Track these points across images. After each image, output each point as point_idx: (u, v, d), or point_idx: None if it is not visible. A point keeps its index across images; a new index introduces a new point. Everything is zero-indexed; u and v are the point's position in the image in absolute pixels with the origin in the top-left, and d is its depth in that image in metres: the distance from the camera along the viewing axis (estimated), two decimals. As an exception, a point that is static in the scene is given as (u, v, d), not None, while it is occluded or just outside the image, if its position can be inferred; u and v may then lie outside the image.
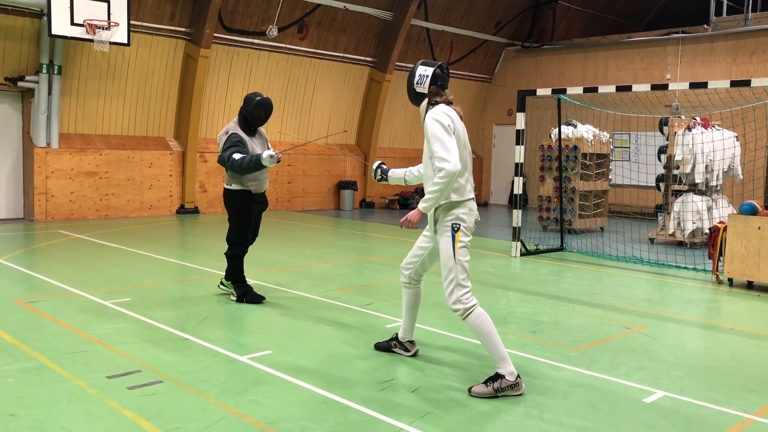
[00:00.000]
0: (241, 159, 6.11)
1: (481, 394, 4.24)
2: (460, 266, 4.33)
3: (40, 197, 12.63)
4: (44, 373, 4.47)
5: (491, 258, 10.01)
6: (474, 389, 4.29)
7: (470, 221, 4.42)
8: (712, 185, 11.37)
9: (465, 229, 4.39)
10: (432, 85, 4.49)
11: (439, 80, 4.51)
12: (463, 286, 4.32)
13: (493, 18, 18.97)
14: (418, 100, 4.57)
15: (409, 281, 4.88)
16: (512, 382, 4.25)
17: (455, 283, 4.32)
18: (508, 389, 4.24)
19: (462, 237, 4.36)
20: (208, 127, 14.91)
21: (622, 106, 12.93)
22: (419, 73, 4.51)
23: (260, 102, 6.39)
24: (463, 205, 4.40)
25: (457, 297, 4.31)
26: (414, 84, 4.54)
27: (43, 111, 12.42)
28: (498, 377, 4.26)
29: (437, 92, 4.50)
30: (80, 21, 11.62)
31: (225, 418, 3.82)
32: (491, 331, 4.31)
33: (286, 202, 16.30)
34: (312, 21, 15.75)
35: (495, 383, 4.25)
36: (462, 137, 4.46)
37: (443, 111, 4.39)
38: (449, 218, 4.39)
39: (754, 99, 10.09)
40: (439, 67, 4.53)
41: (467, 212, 4.41)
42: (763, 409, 4.20)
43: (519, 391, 4.27)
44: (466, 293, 4.32)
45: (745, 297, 7.70)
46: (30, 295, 6.82)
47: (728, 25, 15.90)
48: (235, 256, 6.62)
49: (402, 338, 5.03)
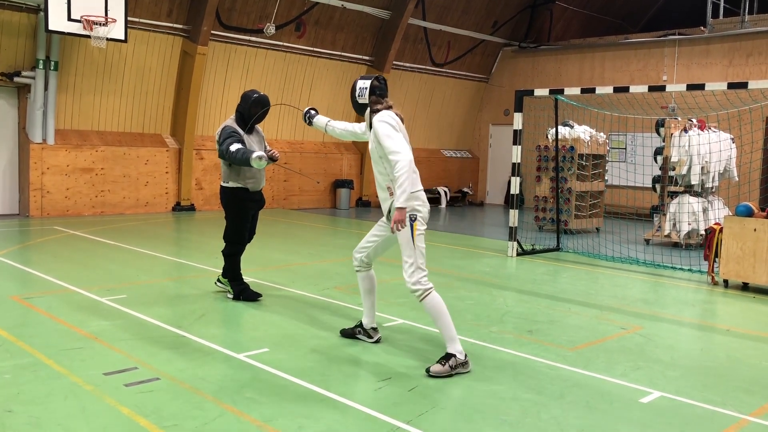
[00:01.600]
0: (236, 150, 6.10)
1: (438, 373, 4.57)
2: (419, 252, 4.73)
3: (35, 193, 12.59)
4: (40, 370, 4.46)
5: (487, 258, 10.02)
6: (432, 369, 4.60)
7: (425, 211, 4.81)
8: (707, 187, 11.41)
9: (421, 219, 4.77)
10: (371, 96, 4.96)
11: (377, 90, 4.98)
12: (422, 270, 4.72)
13: (490, 18, 18.99)
14: (362, 109, 5.08)
15: (360, 265, 5.26)
16: (462, 360, 4.64)
17: (415, 266, 4.70)
18: (459, 366, 4.62)
19: (419, 226, 4.75)
20: (204, 125, 14.89)
21: (619, 107, 12.96)
22: (359, 87, 5.03)
23: (257, 99, 6.38)
24: (416, 197, 4.75)
25: (417, 278, 4.70)
26: (356, 97, 5.04)
27: (39, 107, 12.38)
28: (450, 356, 4.63)
29: (377, 101, 4.96)
30: (77, 17, 11.57)
31: (222, 416, 3.81)
32: (444, 312, 4.71)
33: (282, 200, 16.28)
34: (309, 19, 15.73)
35: (449, 361, 4.61)
36: (406, 137, 4.88)
37: (388, 114, 4.84)
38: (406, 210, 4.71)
39: (750, 101, 10.13)
40: (376, 79, 5.02)
41: (421, 203, 4.79)
42: (759, 409, 4.22)
43: (468, 368, 4.68)
44: (424, 276, 4.72)
45: (741, 298, 7.73)
46: (25, 291, 6.80)
47: (725, 27, 15.95)
48: (233, 254, 6.62)
49: (366, 325, 5.35)
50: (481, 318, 6.29)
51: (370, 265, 5.30)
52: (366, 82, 5.01)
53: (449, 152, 20.19)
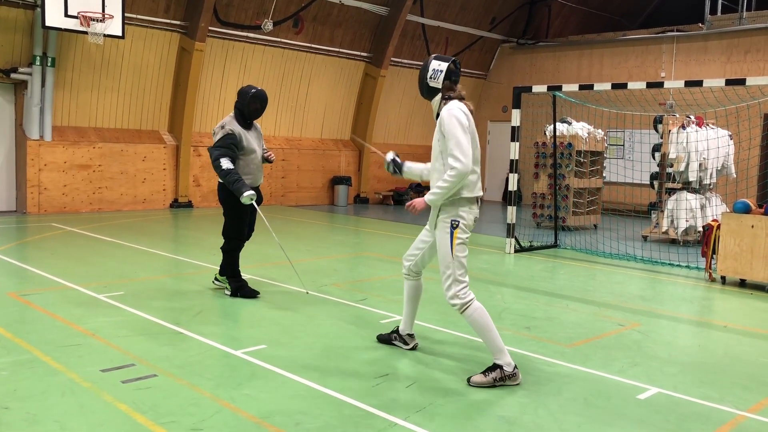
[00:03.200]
0: (227, 171, 6.13)
1: (479, 384, 4.34)
2: (458, 262, 4.40)
3: (32, 190, 12.56)
4: (38, 366, 4.45)
5: (485, 254, 10.02)
6: (473, 379, 4.38)
7: (470, 219, 4.46)
8: (705, 183, 11.41)
9: (464, 227, 4.43)
10: (446, 80, 4.51)
11: (453, 75, 4.53)
12: (460, 282, 4.40)
13: (488, 14, 18.97)
14: (431, 94, 4.59)
15: (408, 273, 4.93)
16: (510, 373, 4.36)
17: (452, 278, 4.40)
18: (506, 379, 4.35)
19: (460, 234, 4.41)
20: (202, 121, 14.86)
21: (617, 104, 12.96)
22: (433, 67, 4.54)
23: (255, 94, 6.38)
24: (465, 203, 4.44)
25: (455, 292, 4.40)
26: (427, 78, 4.55)
27: (36, 103, 12.34)
28: (496, 367, 4.37)
29: (450, 87, 4.53)
30: (74, 13, 11.54)
31: (219, 412, 3.81)
32: (488, 324, 4.40)
33: (280, 197, 16.27)
34: (307, 15, 15.70)
35: (493, 373, 4.35)
36: (475, 136, 4.49)
37: (461, 108, 4.42)
38: (449, 215, 4.44)
39: (748, 98, 10.14)
40: (453, 62, 4.56)
41: (468, 210, 4.45)
42: (756, 405, 4.23)
43: (516, 381, 4.38)
44: (463, 288, 4.40)
45: (738, 295, 7.74)
46: (23, 287, 6.78)
47: (723, 23, 15.94)
48: (232, 250, 6.61)
49: (402, 331, 5.09)
50: (479, 314, 6.28)
51: (419, 274, 4.94)
52: (442, 64, 4.52)
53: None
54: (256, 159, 6.48)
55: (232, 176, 6.13)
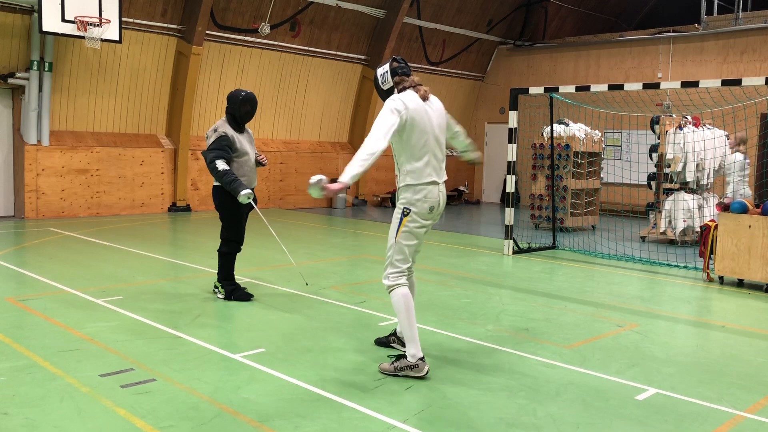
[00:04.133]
0: (224, 172, 6.14)
1: (384, 370, 4.59)
2: (398, 247, 4.57)
3: (30, 195, 12.56)
4: (36, 372, 4.45)
5: (483, 256, 10.03)
6: (381, 365, 4.65)
7: (423, 207, 4.52)
8: (703, 184, 11.44)
9: (415, 215, 4.52)
10: (393, 77, 4.63)
11: (399, 70, 4.63)
12: (395, 266, 4.59)
13: (485, 16, 19.00)
14: (389, 95, 4.65)
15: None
16: (412, 363, 4.50)
17: (389, 261, 4.62)
18: (407, 369, 4.51)
19: (408, 222, 4.53)
20: (200, 125, 14.86)
21: (614, 105, 12.98)
22: (379, 74, 4.70)
23: (246, 97, 6.44)
24: (417, 190, 4.51)
25: (387, 273, 4.63)
26: (380, 85, 4.70)
27: (34, 108, 12.35)
28: (401, 357, 4.59)
29: (401, 80, 4.62)
30: (71, 17, 11.54)
31: (218, 416, 3.81)
32: (404, 311, 4.54)
33: (278, 200, 16.27)
34: (304, 18, 15.72)
35: (397, 362, 4.56)
36: (421, 119, 4.50)
37: (400, 97, 4.50)
38: (401, 201, 4.57)
39: (745, 98, 10.15)
40: (393, 60, 4.69)
41: (421, 198, 4.51)
42: (754, 405, 4.24)
43: (419, 373, 4.49)
44: (395, 272, 4.59)
45: (736, 295, 7.75)
46: (21, 293, 6.78)
47: (719, 24, 15.98)
48: (229, 253, 6.61)
49: (399, 333, 5.09)
50: (477, 316, 6.30)
51: (412, 269, 4.86)
52: (384, 67, 4.68)
53: (445, 151, 20.15)
54: (250, 161, 6.51)
55: (229, 176, 6.15)
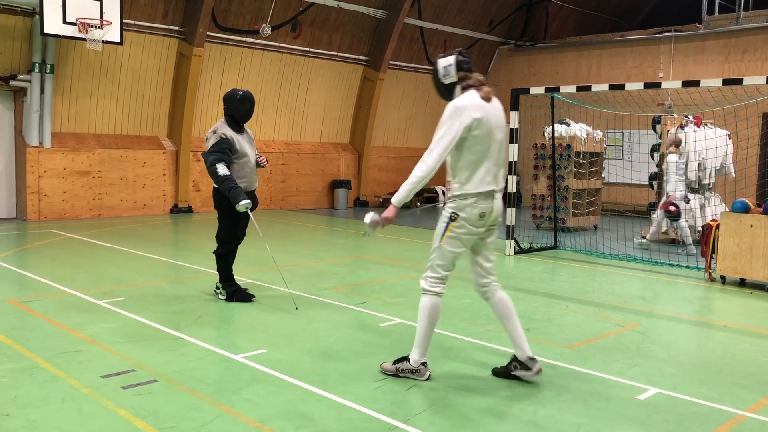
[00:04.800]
0: (224, 177, 6.14)
1: (385, 370, 4.59)
2: (441, 252, 4.39)
3: (32, 197, 12.58)
4: (38, 373, 4.46)
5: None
6: (383, 365, 4.64)
7: (473, 214, 4.29)
8: (704, 183, 11.42)
9: (463, 222, 4.30)
10: (459, 71, 4.37)
11: (464, 64, 4.38)
12: (435, 271, 4.43)
13: (486, 16, 19.00)
14: (450, 91, 4.42)
15: (482, 290, 4.60)
16: (414, 368, 4.49)
17: (430, 264, 4.46)
18: (409, 372, 4.49)
19: (455, 228, 4.32)
20: (201, 126, 14.88)
21: (615, 105, 12.97)
22: (441, 66, 4.40)
23: (244, 96, 6.44)
24: (468, 198, 4.29)
25: (426, 275, 4.47)
26: (441, 79, 4.41)
27: (36, 110, 12.37)
28: (404, 359, 4.55)
29: (465, 77, 4.38)
30: (73, 20, 11.58)
31: (219, 417, 3.82)
32: (428, 318, 4.43)
33: (279, 201, 16.28)
34: (305, 20, 15.73)
35: (399, 364, 4.54)
36: (485, 126, 4.28)
37: (469, 98, 4.28)
38: (450, 206, 4.39)
39: (746, 97, 10.14)
40: (458, 53, 4.43)
41: (471, 204, 4.28)
42: (756, 405, 4.23)
43: (420, 377, 4.48)
44: (434, 278, 4.43)
45: (738, 294, 7.74)
46: (23, 294, 6.79)
47: (720, 23, 15.97)
48: (225, 254, 6.60)
49: (520, 356, 4.57)
50: (479, 316, 6.29)
51: (489, 286, 4.56)
52: (449, 58, 4.37)
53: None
54: (250, 162, 6.50)
55: (229, 183, 6.15)
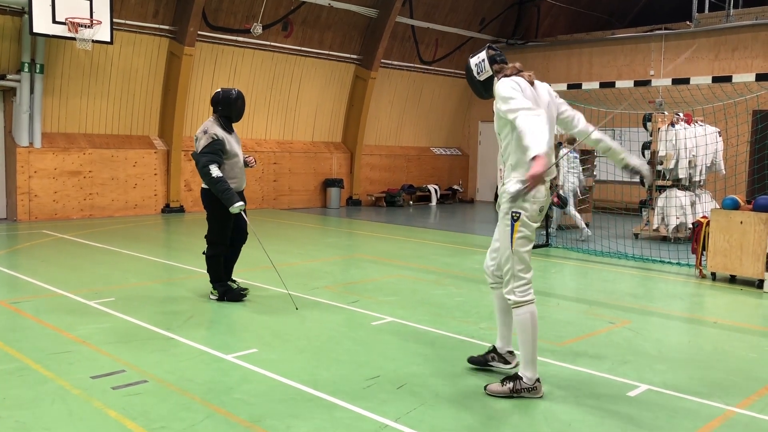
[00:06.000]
0: (217, 179, 6.14)
1: (496, 393, 4.21)
2: (518, 257, 4.16)
3: (23, 197, 12.51)
4: (27, 374, 4.43)
5: (477, 255, 10.04)
6: (489, 387, 4.26)
7: (533, 209, 4.13)
8: (695, 180, 11.47)
9: (526, 218, 4.13)
10: (492, 65, 4.28)
11: (497, 57, 4.30)
12: (520, 278, 4.18)
13: (477, 15, 19.01)
14: (488, 86, 4.33)
15: (493, 280, 4.59)
16: (530, 386, 4.19)
17: (511, 273, 4.19)
18: (524, 392, 4.18)
19: (521, 227, 4.12)
20: (192, 126, 14.82)
21: (606, 103, 12.99)
22: (474, 64, 4.34)
23: (239, 94, 6.47)
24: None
25: (512, 288, 4.20)
26: (476, 76, 4.34)
27: (26, 110, 12.30)
28: (517, 378, 4.21)
29: (501, 68, 4.27)
30: (62, 19, 11.50)
31: (210, 417, 3.81)
32: (529, 330, 4.17)
33: (272, 200, 16.25)
34: (296, 18, 15.70)
35: (511, 383, 4.19)
36: (542, 107, 4.15)
37: (512, 80, 4.12)
38: (509, 205, 4.16)
39: (736, 95, 10.19)
40: (488, 48, 4.36)
41: (530, 199, 4.09)
42: (745, 401, 4.25)
43: (537, 394, 4.20)
44: (521, 285, 4.18)
45: (728, 291, 7.78)
46: (13, 295, 6.76)
47: (710, 21, 16.03)
48: (215, 255, 6.57)
49: (500, 349, 4.63)
50: (471, 314, 6.30)
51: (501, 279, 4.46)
52: (480, 55, 4.30)
53: (439, 150, 20.21)
54: (239, 162, 6.50)
55: (222, 185, 6.14)
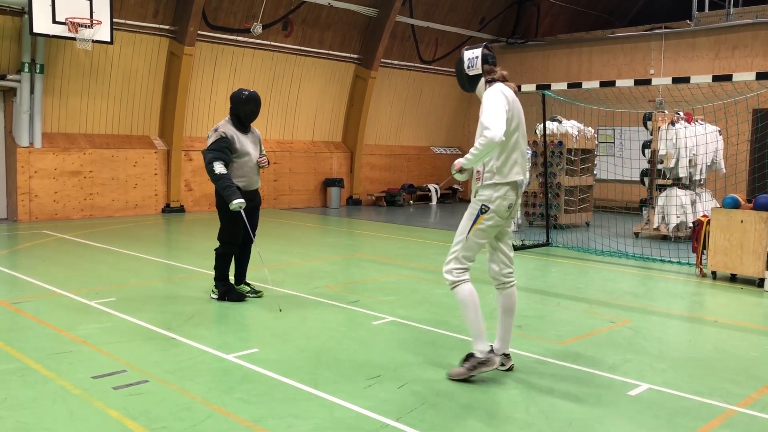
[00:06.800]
0: (220, 176, 6.16)
1: (456, 375, 4.43)
2: (469, 244, 4.42)
3: (23, 197, 12.51)
4: (28, 374, 4.44)
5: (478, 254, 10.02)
6: (451, 372, 4.48)
7: (502, 206, 4.37)
8: (695, 179, 11.47)
9: (493, 213, 4.37)
10: (484, 65, 4.47)
11: (490, 58, 4.49)
12: (460, 262, 4.43)
13: (477, 14, 19.01)
14: (474, 83, 4.52)
15: (499, 281, 4.73)
16: (483, 359, 4.40)
17: (455, 255, 4.45)
18: (480, 366, 4.40)
19: (485, 220, 4.38)
20: (192, 126, 14.84)
21: (607, 102, 13.00)
22: (467, 57, 4.51)
23: (249, 97, 6.40)
24: (499, 188, 4.35)
25: (451, 268, 4.45)
26: (465, 70, 4.51)
27: (26, 110, 12.30)
28: (469, 357, 4.45)
29: (491, 70, 4.48)
30: (62, 19, 11.51)
31: (211, 417, 3.81)
32: (470, 306, 4.43)
33: (272, 199, 16.25)
34: (296, 18, 15.70)
35: (468, 363, 4.43)
36: (517, 117, 4.42)
37: (502, 90, 4.35)
38: (481, 198, 4.41)
39: (736, 93, 10.19)
40: (485, 46, 4.52)
41: (501, 196, 4.35)
42: (746, 400, 4.25)
43: (492, 366, 4.44)
44: (459, 268, 4.43)
45: (729, 290, 7.78)
46: (13, 295, 6.76)
47: (710, 20, 16.03)
48: (225, 253, 6.57)
49: (497, 350, 4.66)
50: (471, 314, 6.29)
51: (509, 279, 4.71)
52: (475, 51, 4.48)
53: (439, 149, 20.21)
54: (251, 162, 6.46)
55: (224, 182, 6.15)
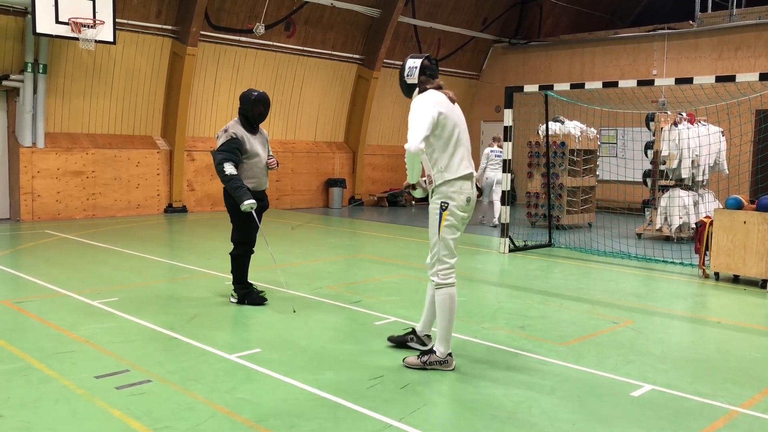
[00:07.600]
0: (230, 177, 6.13)
1: (411, 365, 4.67)
2: (443, 243, 4.55)
3: (26, 197, 12.53)
4: (31, 374, 4.44)
5: (480, 254, 10.03)
6: (407, 360, 4.72)
7: (461, 199, 4.54)
8: (698, 180, 11.46)
9: (454, 208, 4.53)
10: (421, 75, 4.68)
11: (428, 70, 4.70)
12: (444, 262, 4.57)
13: (480, 15, 19.01)
14: (410, 91, 4.75)
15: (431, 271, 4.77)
16: (441, 359, 4.64)
17: (437, 257, 4.58)
18: (436, 364, 4.62)
19: (449, 216, 4.53)
20: (195, 126, 14.85)
21: (609, 102, 13.00)
22: (408, 66, 4.73)
23: (258, 98, 6.37)
24: (452, 184, 4.52)
25: (436, 270, 4.60)
26: (405, 77, 4.74)
27: (29, 110, 12.32)
28: (431, 352, 4.66)
29: (426, 81, 4.68)
30: (65, 19, 11.52)
31: (214, 417, 3.81)
32: (448, 311, 4.58)
33: (274, 200, 16.25)
34: (299, 18, 15.71)
35: (426, 357, 4.65)
36: (452, 118, 4.58)
37: (429, 96, 4.57)
38: (438, 196, 4.57)
39: (739, 94, 10.18)
40: (426, 58, 4.73)
41: (457, 191, 4.52)
42: (749, 401, 4.25)
43: (448, 367, 4.64)
44: (445, 269, 4.57)
45: (731, 291, 7.77)
46: (16, 295, 6.77)
47: (713, 20, 16.01)
48: (240, 255, 6.53)
49: (420, 331, 5.07)
50: (473, 314, 6.30)
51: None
52: (416, 60, 4.72)
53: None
54: (260, 162, 6.44)
55: (234, 183, 6.12)
